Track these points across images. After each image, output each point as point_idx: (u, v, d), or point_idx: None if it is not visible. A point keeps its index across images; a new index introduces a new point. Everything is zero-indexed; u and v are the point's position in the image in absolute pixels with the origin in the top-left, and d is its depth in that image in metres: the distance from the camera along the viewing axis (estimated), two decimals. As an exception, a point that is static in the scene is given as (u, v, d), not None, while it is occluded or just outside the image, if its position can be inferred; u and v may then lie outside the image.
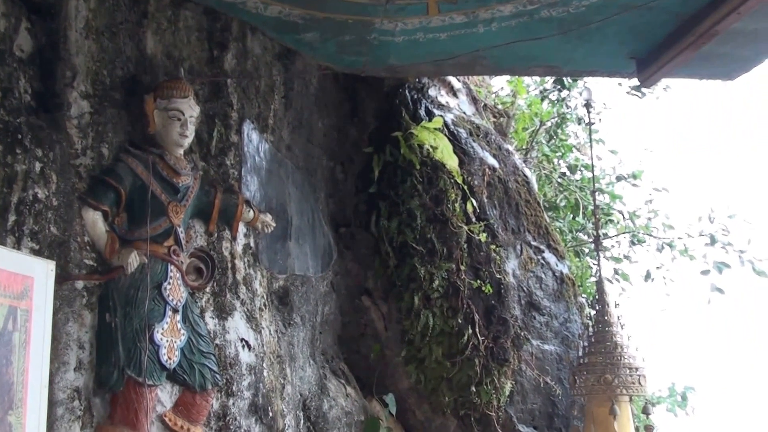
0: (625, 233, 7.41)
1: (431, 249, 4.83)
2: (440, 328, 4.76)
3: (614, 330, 3.79)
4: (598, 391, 3.74)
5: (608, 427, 3.70)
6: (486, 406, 4.85)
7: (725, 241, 6.71)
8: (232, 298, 3.84)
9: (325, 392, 4.50)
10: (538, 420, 5.17)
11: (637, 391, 3.77)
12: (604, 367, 3.72)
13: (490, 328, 4.85)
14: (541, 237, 5.45)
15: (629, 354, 3.76)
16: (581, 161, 7.84)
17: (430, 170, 4.99)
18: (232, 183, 3.97)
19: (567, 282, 5.47)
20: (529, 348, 5.06)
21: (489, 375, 4.83)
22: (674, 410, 10.90)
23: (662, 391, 10.98)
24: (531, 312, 5.17)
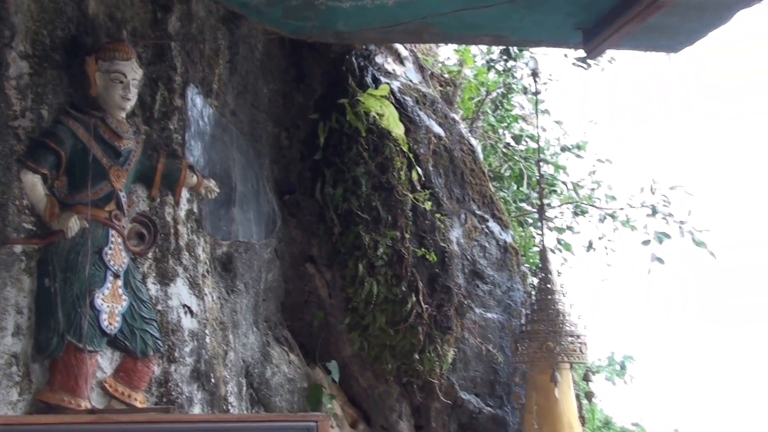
0: (569, 204, 7.51)
1: (376, 217, 4.83)
2: (384, 296, 4.77)
3: (556, 298, 3.85)
4: (539, 358, 3.80)
5: (549, 393, 3.77)
6: (429, 373, 4.89)
7: (666, 212, 6.83)
8: (174, 264, 3.79)
9: (268, 359, 4.49)
10: (480, 387, 5.24)
11: (578, 359, 3.84)
12: (546, 334, 3.78)
13: (433, 296, 4.89)
14: (485, 206, 5.49)
15: (571, 322, 3.83)
16: (526, 132, 7.90)
17: (376, 138, 4.97)
18: (176, 148, 3.91)
19: (510, 251, 5.53)
20: (472, 316, 5.11)
21: (432, 343, 4.87)
22: (613, 379, 11.15)
23: (602, 360, 11.23)
24: (474, 280, 5.22)
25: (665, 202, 6.78)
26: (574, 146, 8.16)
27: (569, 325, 3.81)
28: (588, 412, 10.05)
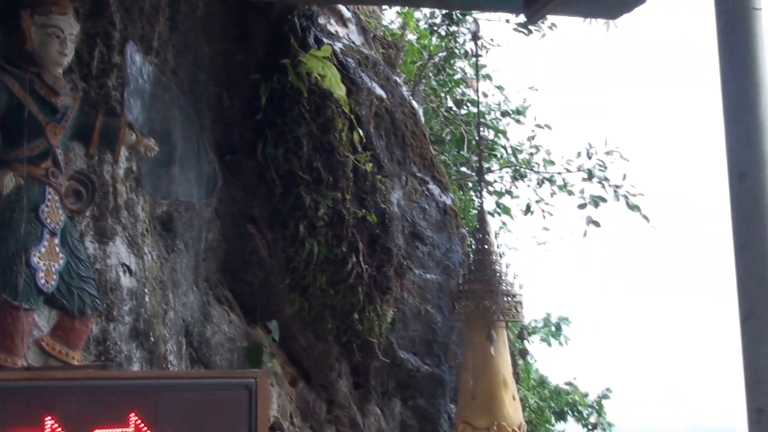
0: (508, 168, 7.62)
1: (317, 178, 4.84)
2: (325, 256, 4.81)
3: (493, 259, 3.92)
4: (476, 317, 3.86)
5: (485, 351, 3.85)
6: (368, 332, 4.97)
7: (602, 176, 6.99)
8: (113, 223, 3.76)
9: (208, 318, 4.50)
10: (419, 346, 5.35)
11: (514, 318, 3.93)
12: (483, 294, 3.85)
13: (373, 257, 4.95)
14: (426, 169, 5.55)
15: (507, 282, 3.90)
16: (468, 96, 7.97)
17: (318, 99, 4.97)
18: (114, 105, 3.85)
19: (450, 213, 5.61)
20: (411, 277, 5.19)
21: (372, 303, 4.93)
22: (548, 340, 11.43)
23: (538, 321, 11.48)
24: (414, 242, 5.29)
25: (601, 167, 6.93)
26: (514, 111, 8.27)
27: (505, 285, 3.88)
28: (523, 371, 10.32)
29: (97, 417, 2.74)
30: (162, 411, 2.82)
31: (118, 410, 2.76)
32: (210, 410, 2.93)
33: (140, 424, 2.77)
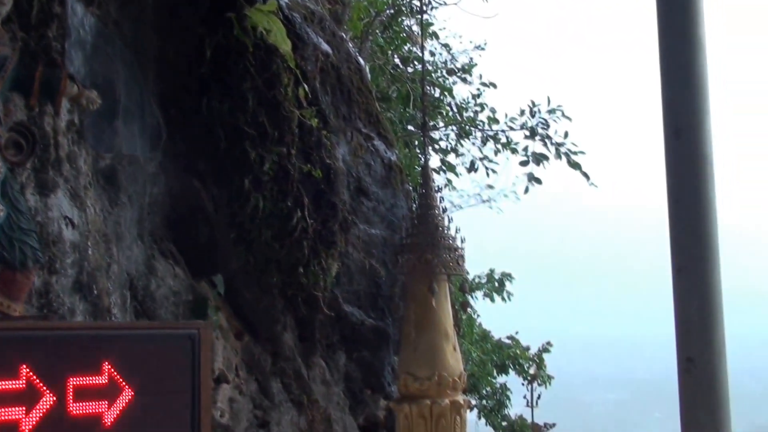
0: (453, 125, 7.69)
1: (263, 132, 4.84)
2: (270, 211, 4.83)
3: (436, 213, 3.99)
4: (418, 270, 3.94)
5: (427, 303, 3.94)
6: (313, 286, 5.02)
7: (544, 135, 7.09)
8: (54, 175, 3.73)
9: (153, 272, 4.51)
10: (363, 300, 5.43)
11: (455, 271, 4.01)
12: (425, 247, 3.92)
13: (318, 212, 4.99)
14: (371, 125, 5.58)
15: (449, 236, 3.98)
16: (414, 53, 7.99)
17: (264, 54, 4.94)
18: (55, 56, 3.80)
19: (395, 169, 5.66)
20: (356, 232, 5.25)
21: (316, 257, 4.99)
22: (492, 296, 11.63)
23: (482, 278, 11.67)
24: (359, 197, 5.34)
25: (543, 125, 7.03)
26: (460, 70, 8.32)
27: (447, 239, 3.96)
28: (467, 326, 10.50)
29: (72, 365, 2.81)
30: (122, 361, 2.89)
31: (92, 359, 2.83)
32: (153, 361, 2.97)
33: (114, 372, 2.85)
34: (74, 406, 2.80)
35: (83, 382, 2.82)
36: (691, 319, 3.28)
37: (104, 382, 2.86)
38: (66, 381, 2.79)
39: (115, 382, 2.88)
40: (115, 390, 2.88)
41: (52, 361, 2.79)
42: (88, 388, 2.82)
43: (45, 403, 2.74)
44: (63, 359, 2.82)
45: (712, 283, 3.24)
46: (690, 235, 3.19)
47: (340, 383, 5.54)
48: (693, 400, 3.40)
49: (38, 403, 2.73)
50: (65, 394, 2.78)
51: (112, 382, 2.88)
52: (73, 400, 2.80)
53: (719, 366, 3.32)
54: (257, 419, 5.00)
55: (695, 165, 3.19)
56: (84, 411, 2.81)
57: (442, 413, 3.98)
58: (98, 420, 2.85)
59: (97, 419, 2.84)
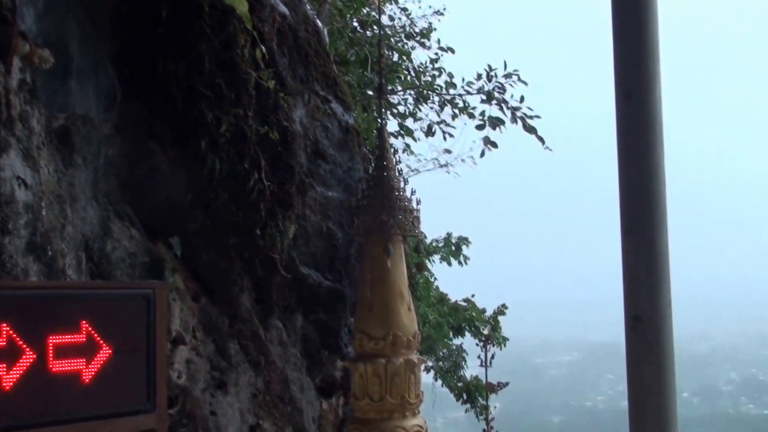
0: (411, 89, 7.70)
1: (219, 94, 4.82)
2: (227, 173, 4.83)
3: (392, 175, 4.03)
4: (374, 231, 3.98)
5: (382, 264, 3.99)
6: (270, 249, 5.04)
7: (500, 99, 7.14)
8: (6, 135, 3.69)
9: (108, 234, 4.49)
10: (320, 262, 5.46)
11: (411, 232, 4.07)
12: (381, 208, 3.96)
13: (276, 174, 4.99)
14: (329, 87, 5.57)
15: (404, 198, 4.02)
16: (372, 17, 7.96)
17: (220, 14, 4.90)
18: (6, 14, 3.73)
19: (353, 132, 5.68)
20: (313, 194, 5.27)
21: (274, 219, 5.00)
22: (449, 259, 11.75)
23: (439, 242, 11.78)
24: (316, 160, 5.35)
25: (500, 90, 7.07)
26: (418, 34, 8.32)
27: (403, 200, 4.01)
28: (423, 288, 10.60)
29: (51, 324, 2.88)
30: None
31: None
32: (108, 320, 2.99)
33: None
34: (54, 364, 2.87)
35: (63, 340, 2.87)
36: (639, 278, 3.38)
37: (83, 341, 2.91)
38: (46, 339, 2.86)
39: (94, 341, 2.95)
40: (93, 348, 2.93)
41: (31, 319, 2.81)
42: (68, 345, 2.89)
43: (26, 360, 2.81)
44: (43, 318, 2.87)
45: (660, 243, 3.35)
46: (638, 197, 3.28)
47: (297, 344, 5.59)
48: (639, 357, 3.52)
49: (19, 360, 2.79)
50: (46, 351, 2.85)
51: (91, 340, 2.94)
52: (53, 357, 2.87)
53: (665, 324, 3.43)
54: (214, 380, 5.03)
55: (645, 127, 3.28)
56: (64, 368, 2.90)
57: (396, 372, 4.06)
58: (77, 376, 2.92)
59: (75, 376, 2.91)
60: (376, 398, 4.08)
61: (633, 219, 3.31)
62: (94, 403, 2.94)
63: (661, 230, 3.27)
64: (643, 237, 3.17)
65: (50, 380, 2.85)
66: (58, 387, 2.87)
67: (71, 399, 2.90)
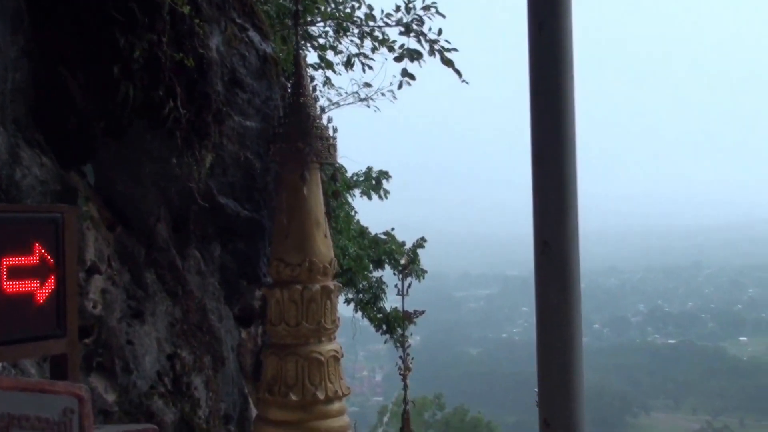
0: (330, 20, 7.62)
1: (132, 18, 4.69)
2: (141, 100, 4.74)
3: (308, 102, 4.02)
4: (290, 158, 3.99)
5: (298, 191, 4.01)
6: (187, 178, 5.00)
7: (419, 31, 7.12)
8: None
9: (17, 161, 4.37)
10: (238, 192, 5.45)
11: (327, 160, 4.09)
12: (297, 136, 3.97)
13: (192, 103, 4.92)
14: (246, 15, 5.48)
15: (321, 126, 4.03)
16: (291, -56, 7.81)
17: (132, -65, 4.75)
18: None
19: (270, 61, 5.61)
20: (230, 123, 5.22)
21: (190, 148, 4.95)
22: (369, 193, 11.82)
23: (360, 175, 11.82)
24: (234, 89, 5.29)
25: (418, 22, 7.05)
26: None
27: (319, 128, 4.02)
28: (344, 222, 10.67)
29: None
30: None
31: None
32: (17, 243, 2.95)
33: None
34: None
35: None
36: (548, 204, 3.49)
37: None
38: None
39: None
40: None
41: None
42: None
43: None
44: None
45: (568, 170, 3.45)
46: (548, 125, 3.37)
47: (215, 274, 5.60)
48: (547, 281, 3.65)
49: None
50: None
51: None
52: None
53: (572, 249, 3.56)
54: (131, 309, 5.01)
55: (555, 54, 3.34)
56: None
57: (312, 298, 4.12)
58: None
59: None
60: (293, 324, 4.15)
61: (543, 146, 3.39)
62: (2, 328, 2.91)
63: (570, 158, 3.37)
64: (552, 164, 3.25)
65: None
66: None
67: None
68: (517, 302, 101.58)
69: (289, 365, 4.16)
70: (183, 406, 5.18)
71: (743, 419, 67.17)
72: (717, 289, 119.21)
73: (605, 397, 68.88)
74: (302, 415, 4.20)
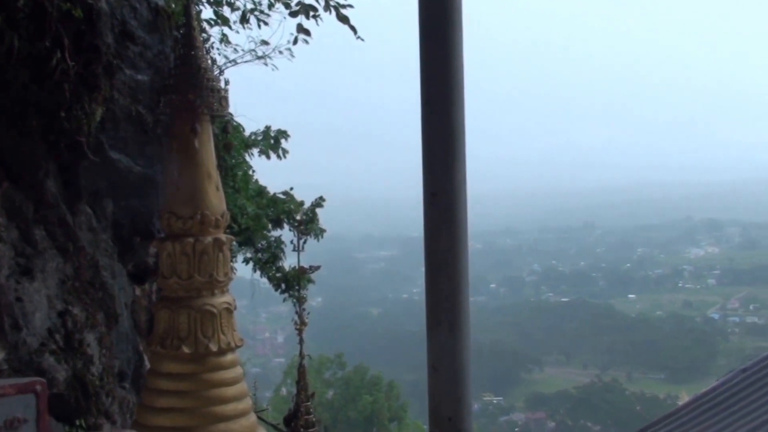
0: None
1: (16, -35, 4.55)
2: (27, 52, 4.60)
3: (199, 54, 4.00)
4: (181, 110, 3.97)
5: (189, 143, 4.00)
6: (76, 132, 4.90)
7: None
8: None
9: None
10: (131, 147, 5.38)
11: (218, 112, 4.08)
12: (188, 87, 3.94)
13: (80, 54, 4.80)
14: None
15: (212, 78, 4.02)
16: None
17: None
18: None
19: (162, 14, 5.53)
20: (121, 77, 5.13)
21: (79, 101, 4.84)
22: (267, 152, 11.78)
23: (258, 134, 11.75)
24: (125, 41, 5.19)
25: (314, -23, 6.99)
26: None
27: (211, 80, 4.00)
28: (241, 181, 10.63)
29: None
30: None
31: None
32: None
33: None
34: None
35: None
36: (436, 156, 3.60)
37: None
38: None
39: None
40: None
41: None
42: None
43: None
44: None
45: (456, 122, 3.56)
46: (437, 76, 3.46)
47: (107, 230, 5.53)
48: (436, 230, 3.78)
49: None
50: None
51: None
52: None
53: (459, 199, 3.70)
54: (20, 266, 4.91)
55: (444, 9, 3.43)
56: None
57: (204, 250, 4.14)
58: None
59: None
60: (185, 276, 4.16)
61: (432, 93, 3.48)
62: None
63: (458, 110, 3.47)
64: (441, 112, 3.34)
65: None
66: None
67: None
68: (418, 263, 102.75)
69: (181, 318, 4.18)
70: (75, 363, 5.13)
71: (630, 373, 70.44)
72: (607, 248, 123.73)
73: (501, 355, 71.05)
74: (195, 367, 4.23)
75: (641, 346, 74.57)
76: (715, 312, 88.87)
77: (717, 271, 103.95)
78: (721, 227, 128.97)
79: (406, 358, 61.78)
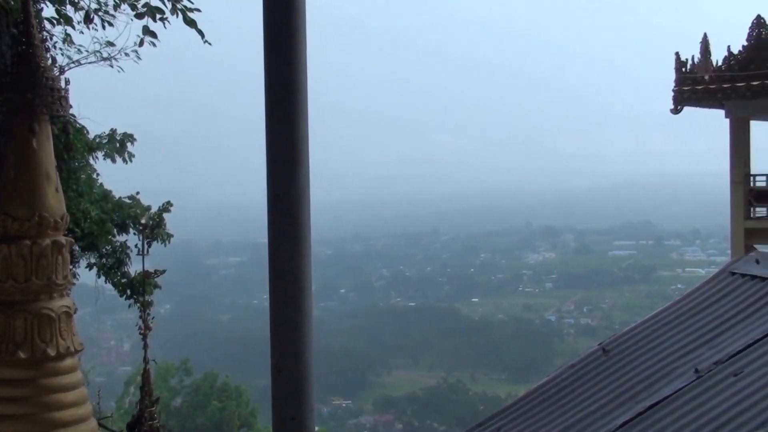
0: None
1: None
2: None
3: (38, 52, 3.90)
4: (18, 109, 3.86)
5: (27, 143, 3.89)
6: None
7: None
8: None
9: None
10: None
11: (58, 112, 3.99)
12: (25, 86, 3.84)
13: None
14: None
15: (51, 77, 3.92)
16: None
17: None
18: None
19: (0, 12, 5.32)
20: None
21: None
22: (113, 156, 11.46)
23: (103, 138, 11.42)
24: (-43, 36, 4.98)
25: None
26: None
27: (50, 79, 3.91)
28: (85, 184, 10.32)
29: None
30: None
31: None
32: None
33: None
34: None
35: None
36: (280, 158, 3.68)
37: None
38: None
39: None
40: None
41: None
42: None
43: None
44: None
45: (300, 126, 3.65)
46: (282, 81, 3.52)
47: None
48: (279, 232, 3.86)
49: None
50: None
51: None
52: None
53: (303, 201, 3.79)
54: None
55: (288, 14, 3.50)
56: None
57: (42, 253, 4.03)
58: None
59: None
60: (21, 280, 4.03)
61: (275, 100, 3.54)
62: None
63: (302, 114, 3.55)
64: (285, 120, 3.41)
65: None
66: None
67: None
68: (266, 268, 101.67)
69: (17, 322, 4.05)
70: None
71: (474, 374, 72.62)
72: (453, 254, 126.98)
73: (350, 359, 71.63)
74: (32, 372, 4.11)
75: (484, 348, 77.09)
76: (552, 314, 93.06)
77: (554, 275, 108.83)
78: (558, 233, 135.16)
79: (256, 364, 61.25)
